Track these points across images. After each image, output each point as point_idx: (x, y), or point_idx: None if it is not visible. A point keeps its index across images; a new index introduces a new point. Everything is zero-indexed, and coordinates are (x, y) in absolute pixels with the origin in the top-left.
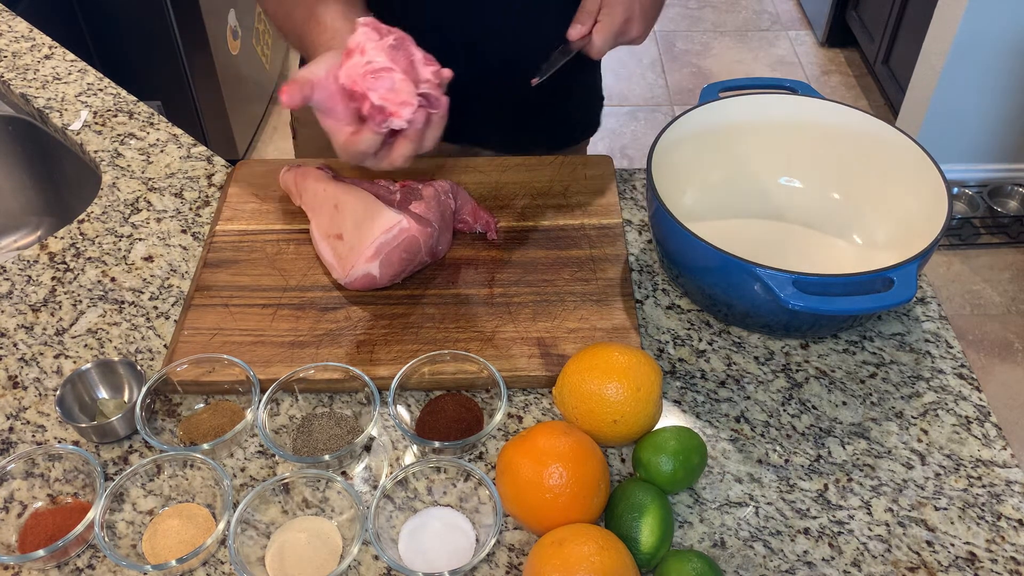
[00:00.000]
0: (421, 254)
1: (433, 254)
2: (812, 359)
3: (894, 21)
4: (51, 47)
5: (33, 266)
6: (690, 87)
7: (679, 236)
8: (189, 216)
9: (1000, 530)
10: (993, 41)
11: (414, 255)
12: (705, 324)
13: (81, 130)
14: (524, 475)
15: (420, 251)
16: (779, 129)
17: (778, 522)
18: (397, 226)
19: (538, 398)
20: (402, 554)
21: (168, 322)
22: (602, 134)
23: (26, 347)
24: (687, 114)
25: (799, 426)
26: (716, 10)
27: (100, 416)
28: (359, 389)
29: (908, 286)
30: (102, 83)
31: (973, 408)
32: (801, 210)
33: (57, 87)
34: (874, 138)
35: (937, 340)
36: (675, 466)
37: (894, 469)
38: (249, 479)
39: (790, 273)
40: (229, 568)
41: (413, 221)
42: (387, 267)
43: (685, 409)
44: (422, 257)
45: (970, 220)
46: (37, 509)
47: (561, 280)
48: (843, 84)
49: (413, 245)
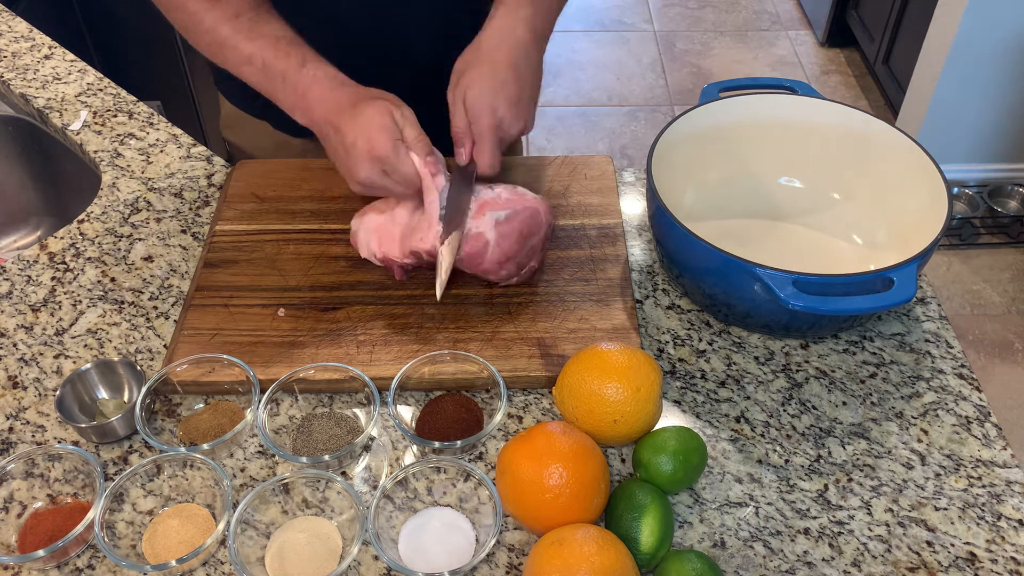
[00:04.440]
0: (538, 237)
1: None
2: (812, 359)
3: (894, 21)
4: (51, 47)
5: (33, 266)
6: (690, 87)
7: (679, 236)
8: (189, 216)
9: (1000, 530)
10: (993, 41)
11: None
12: (705, 324)
13: (81, 130)
14: (524, 475)
15: (541, 231)
16: (779, 129)
17: (778, 522)
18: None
19: (538, 398)
20: (402, 554)
21: (168, 322)
22: (602, 134)
23: (26, 347)
24: (687, 114)
25: (799, 426)
26: (716, 10)
27: (100, 416)
28: (359, 389)
29: (908, 286)
30: (102, 83)
31: (973, 408)
32: (801, 210)
33: (57, 87)
34: (874, 138)
35: (937, 340)
36: (675, 466)
37: (894, 469)
38: (249, 479)
39: (790, 273)
40: (229, 568)
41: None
42: (502, 239)
43: (685, 409)
44: (535, 245)
45: (970, 220)
46: (37, 509)
47: (561, 280)
48: (843, 84)
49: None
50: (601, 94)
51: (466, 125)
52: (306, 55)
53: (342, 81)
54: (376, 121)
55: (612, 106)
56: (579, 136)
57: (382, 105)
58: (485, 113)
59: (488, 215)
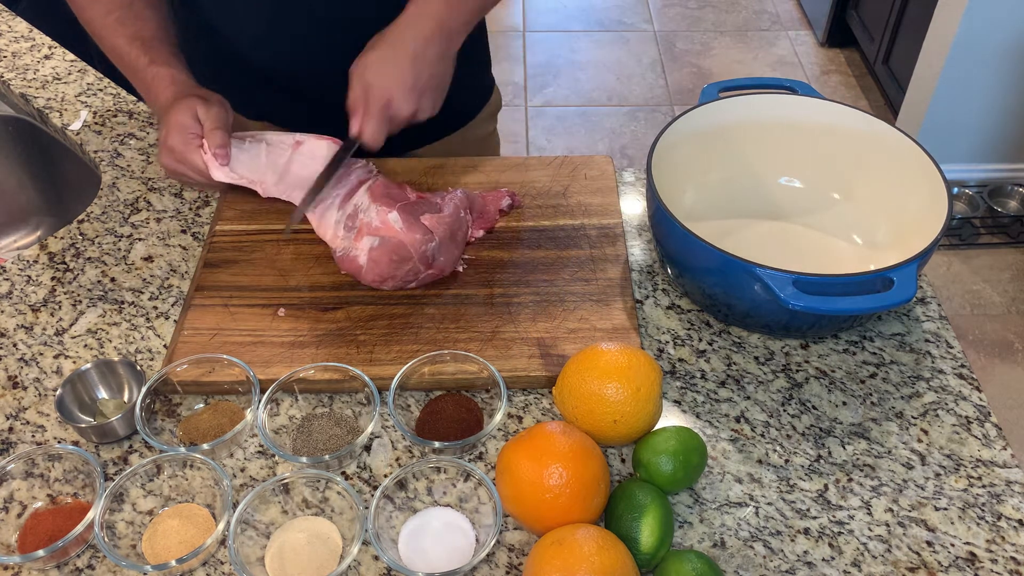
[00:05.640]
0: (414, 261)
1: (429, 264)
2: (812, 359)
3: (894, 21)
4: (51, 47)
5: (33, 266)
6: (690, 87)
7: (679, 236)
8: (189, 216)
9: (1000, 530)
10: (993, 41)
11: (406, 257)
12: (705, 324)
13: (81, 130)
14: (524, 475)
15: (412, 258)
16: (779, 129)
17: (778, 522)
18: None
19: (538, 398)
20: (402, 554)
21: (168, 322)
22: (602, 134)
23: (26, 347)
24: (687, 114)
25: (799, 426)
26: (716, 10)
27: (100, 416)
28: (359, 389)
29: (908, 286)
30: (102, 83)
31: (973, 408)
32: (801, 210)
33: (57, 87)
34: (874, 138)
35: (937, 340)
36: (675, 466)
37: (894, 469)
38: (249, 479)
39: (790, 273)
40: (229, 568)
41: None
42: (374, 264)
43: (685, 409)
44: (415, 265)
45: (970, 220)
46: (37, 509)
47: (561, 280)
48: (843, 84)
49: (403, 250)
50: (601, 94)
51: (361, 98)
52: (155, 55)
53: (173, 79)
54: (176, 118)
55: (612, 106)
56: (579, 136)
57: (188, 103)
58: (376, 92)
59: (365, 240)
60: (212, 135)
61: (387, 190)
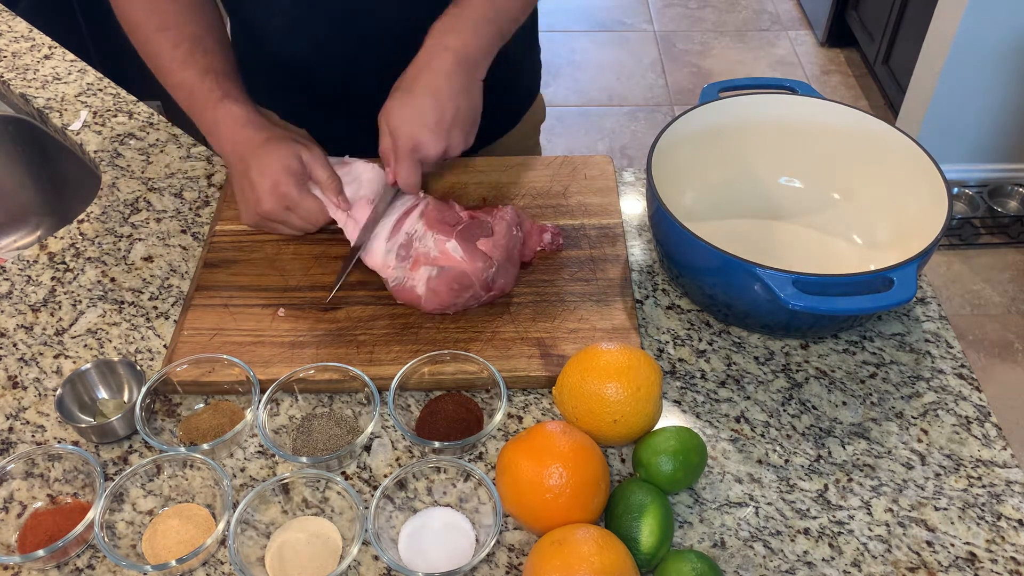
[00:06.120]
0: (475, 288)
1: (489, 288)
2: (812, 359)
3: (894, 21)
4: (51, 47)
5: (33, 266)
6: (690, 87)
7: (679, 236)
8: (189, 216)
9: (1000, 530)
10: (993, 41)
11: (467, 285)
12: (705, 324)
13: (81, 130)
14: (524, 475)
15: (473, 285)
16: (779, 129)
17: (778, 522)
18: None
19: (538, 398)
20: (402, 554)
21: (168, 322)
22: (602, 134)
23: (26, 347)
24: (687, 114)
25: (799, 426)
26: (716, 10)
27: (100, 416)
28: (359, 389)
29: (908, 286)
30: (102, 83)
31: (973, 408)
32: (801, 210)
33: (57, 87)
34: (874, 138)
35: (937, 340)
36: (675, 466)
37: (894, 469)
38: (249, 479)
39: (790, 273)
40: (229, 568)
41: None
42: (433, 295)
43: (685, 409)
44: (477, 291)
45: (970, 220)
46: (37, 509)
47: (561, 280)
48: (843, 84)
49: (464, 279)
50: (601, 94)
51: (390, 146)
52: (228, 91)
53: (249, 120)
54: (282, 162)
55: (612, 106)
56: (579, 136)
57: (289, 146)
58: (402, 137)
59: (423, 270)
60: (331, 184)
61: (441, 215)
